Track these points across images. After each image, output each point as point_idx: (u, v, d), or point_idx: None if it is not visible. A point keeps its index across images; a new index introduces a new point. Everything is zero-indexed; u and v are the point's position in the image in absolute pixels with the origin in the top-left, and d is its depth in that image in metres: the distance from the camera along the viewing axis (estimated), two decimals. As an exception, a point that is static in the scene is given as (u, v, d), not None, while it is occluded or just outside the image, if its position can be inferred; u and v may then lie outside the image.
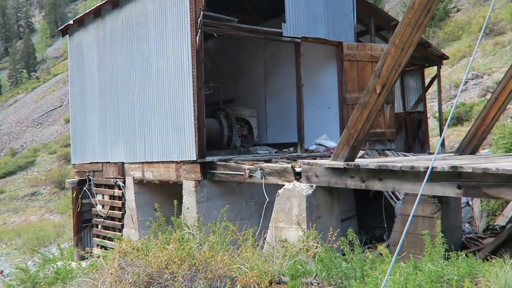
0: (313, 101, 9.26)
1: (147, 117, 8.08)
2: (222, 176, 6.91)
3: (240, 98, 10.97)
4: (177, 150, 7.39)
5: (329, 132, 9.01)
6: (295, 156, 7.77)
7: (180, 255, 4.27)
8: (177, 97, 7.36)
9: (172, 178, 7.57)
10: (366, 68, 8.84)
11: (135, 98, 8.38)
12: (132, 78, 8.46)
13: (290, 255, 4.39)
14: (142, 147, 8.21)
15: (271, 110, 10.33)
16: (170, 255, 4.27)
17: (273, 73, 10.27)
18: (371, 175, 5.02)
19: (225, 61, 11.33)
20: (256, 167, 6.32)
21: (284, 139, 9.72)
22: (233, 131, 8.99)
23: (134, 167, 8.50)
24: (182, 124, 7.25)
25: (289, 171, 5.89)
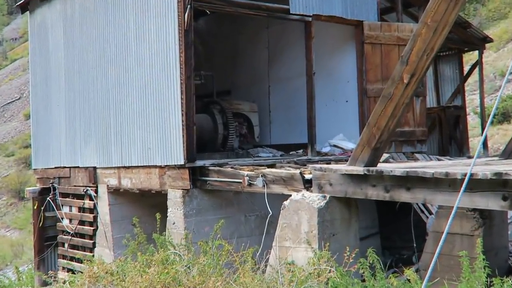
0: (326, 93, 9.29)
1: (125, 113, 8.10)
2: (215, 185, 6.92)
3: (238, 89, 10.99)
4: (161, 152, 7.41)
5: (347, 130, 9.02)
6: (304, 160, 7.78)
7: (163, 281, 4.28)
8: (161, 88, 7.37)
9: (155, 187, 7.59)
10: (392, 53, 8.84)
11: (111, 89, 8.40)
12: (107, 65, 8.48)
13: (298, 281, 4.39)
14: (118, 148, 8.23)
15: (275, 104, 10.35)
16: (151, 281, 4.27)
17: (278, 59, 10.28)
18: (397, 184, 5.02)
19: (220, 44, 11.34)
20: (257, 174, 6.32)
21: (292, 139, 9.73)
22: (230, 129, 9.00)
23: (108, 173, 8.51)
24: (167, 120, 7.27)
25: (297, 178, 5.89)
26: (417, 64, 4.77)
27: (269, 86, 10.44)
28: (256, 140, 9.91)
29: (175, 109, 7.12)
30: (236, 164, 7.09)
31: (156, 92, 7.49)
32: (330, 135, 9.04)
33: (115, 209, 8.55)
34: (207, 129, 8.85)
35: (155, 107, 7.50)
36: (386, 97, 4.98)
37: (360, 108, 8.83)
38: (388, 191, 5.09)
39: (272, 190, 6.16)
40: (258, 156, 8.77)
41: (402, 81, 4.85)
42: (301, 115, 8.89)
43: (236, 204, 7.45)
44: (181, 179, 7.13)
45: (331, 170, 5.54)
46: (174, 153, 7.16)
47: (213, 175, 6.95)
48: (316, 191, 5.68)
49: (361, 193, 5.32)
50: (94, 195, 8.73)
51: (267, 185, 6.16)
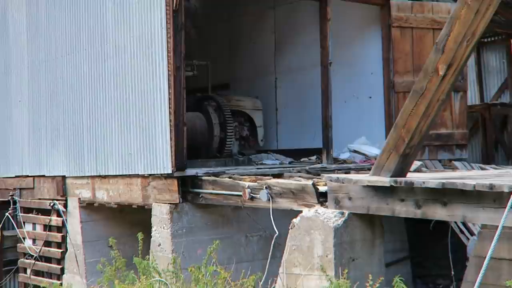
0: (346, 87, 9.29)
1: (101, 110, 8.12)
2: (210, 198, 6.92)
3: (239, 82, 11.00)
4: (144, 158, 7.42)
5: (370, 133, 9.04)
6: (318, 168, 7.79)
7: (146, 315, 4.28)
8: (145, 81, 7.39)
9: (137, 200, 7.59)
10: (425, 39, 8.85)
11: (83, 82, 8.42)
12: (79, 53, 8.50)
13: (310, 315, 4.38)
14: (92, 154, 8.25)
15: (284, 101, 10.36)
16: (131, 315, 4.28)
17: (287, 46, 10.30)
18: (431, 198, 5.01)
19: (216, 28, 11.37)
20: (260, 185, 6.32)
21: (303, 143, 9.74)
22: (228, 130, 9.00)
23: (80, 183, 8.53)
24: (152, 120, 7.28)
25: (310, 190, 5.89)
26: (455, 53, 4.77)
27: (276, 78, 10.46)
28: (259, 144, 9.92)
29: (162, 107, 7.13)
30: (236, 173, 7.09)
31: (139, 86, 7.50)
32: (349, 139, 9.05)
33: (88, 227, 8.53)
34: (200, 131, 8.86)
35: (137, 104, 7.52)
36: (417, 93, 4.98)
37: (386, 105, 8.84)
38: (420, 207, 5.07)
39: (279, 205, 6.15)
40: (262, 164, 8.76)
41: (437, 73, 4.85)
42: (315, 114, 8.89)
43: (235, 222, 7.45)
44: (168, 191, 7.13)
45: (351, 181, 5.53)
46: (160, 160, 7.16)
47: (207, 186, 6.95)
48: (333, 206, 5.68)
49: (387, 209, 5.31)
50: (62, 210, 8.72)
51: (273, 199, 6.16)
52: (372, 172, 5.39)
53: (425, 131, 5.06)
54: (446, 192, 4.89)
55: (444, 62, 4.81)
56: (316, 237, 5.54)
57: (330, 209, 5.65)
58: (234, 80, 11.07)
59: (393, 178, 5.16)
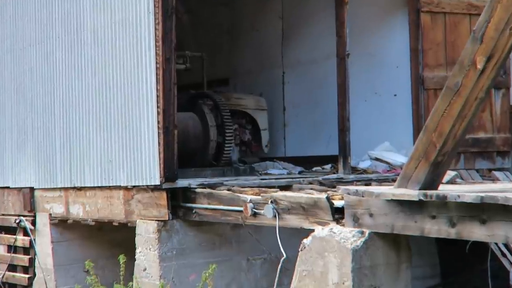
0: (366, 83, 9.30)
1: (76, 110, 8.14)
2: (205, 214, 6.92)
3: (240, 77, 11.04)
4: (127, 167, 7.43)
5: (395, 137, 9.04)
6: (333, 179, 7.79)
7: None
8: (128, 75, 7.41)
9: (118, 217, 7.60)
10: (460, 26, 8.85)
11: (56, 76, 8.45)
12: (51, 45, 8.53)
13: None
14: (66, 161, 8.27)
15: (293, 99, 10.38)
16: None
17: (296, 35, 10.32)
18: (467, 215, 4.99)
19: (213, 13, 11.39)
20: (265, 199, 6.32)
21: (315, 149, 9.76)
22: (226, 134, 9.01)
23: (51, 196, 8.54)
24: (137, 122, 7.30)
25: (323, 205, 5.89)
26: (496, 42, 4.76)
27: (283, 73, 10.49)
28: (264, 151, 9.94)
29: (148, 106, 7.14)
30: (235, 184, 7.09)
31: (121, 82, 7.52)
32: (370, 144, 9.05)
33: (61, 248, 8.53)
34: (193, 134, 8.87)
35: (120, 102, 7.53)
36: (451, 90, 4.98)
37: (414, 105, 8.83)
38: (454, 225, 5.05)
39: (287, 222, 6.14)
40: (267, 174, 8.77)
41: (475, 67, 4.84)
42: (330, 115, 8.91)
43: (235, 242, 7.45)
44: (155, 206, 7.13)
45: (372, 195, 5.52)
46: (146, 169, 7.16)
47: (202, 200, 6.95)
48: (351, 224, 5.66)
49: (415, 228, 5.29)
50: (30, 228, 8.73)
51: (280, 215, 6.14)
52: (398, 183, 5.37)
53: (461, 135, 5.06)
54: (485, 208, 4.86)
55: (483, 53, 4.81)
56: (331, 261, 5.52)
57: (347, 228, 5.63)
58: (234, 74, 11.10)
59: (422, 191, 5.14)
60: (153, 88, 7.07)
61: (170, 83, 7.03)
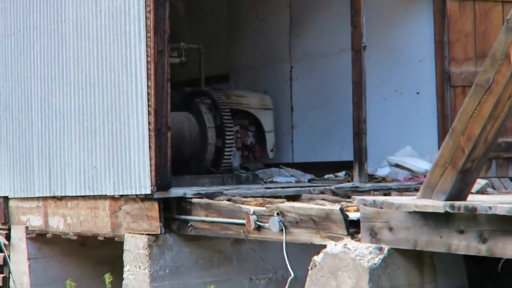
0: (385, 79, 9.32)
1: (57, 110, 8.16)
2: (203, 228, 6.92)
3: (242, 72, 11.05)
4: (113, 174, 7.44)
5: (417, 141, 9.04)
6: (348, 188, 7.79)
7: None
8: (116, 70, 7.42)
9: (104, 230, 7.61)
10: (492, 15, 8.84)
11: (34, 73, 8.47)
12: (28, 36, 8.55)
13: None
14: (44, 167, 8.28)
15: (302, 97, 10.39)
16: None
17: (306, 24, 10.34)
18: (499, 229, 4.98)
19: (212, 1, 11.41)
20: (270, 210, 6.32)
21: (327, 154, 9.77)
22: (227, 137, 9.00)
23: (28, 207, 8.55)
24: (125, 123, 7.31)
25: (337, 218, 5.88)
26: (533, 33, 4.77)
27: (291, 67, 10.49)
28: (269, 156, 9.92)
29: (138, 105, 7.15)
30: (237, 194, 7.09)
31: (107, 77, 7.52)
32: (390, 149, 9.06)
33: (39, 266, 8.54)
34: (189, 137, 8.85)
35: (106, 101, 7.54)
36: (482, 87, 4.98)
37: (439, 104, 8.84)
38: (485, 241, 5.05)
39: (295, 237, 6.14)
40: (273, 182, 8.76)
41: (509, 61, 4.84)
42: (344, 116, 8.92)
43: (236, 259, 7.45)
44: (146, 219, 7.14)
45: (392, 206, 5.52)
46: (136, 176, 7.17)
47: (198, 212, 6.95)
48: (367, 239, 5.66)
49: (441, 244, 5.29)
50: (4, 243, 8.73)
51: (287, 229, 6.14)
52: (421, 193, 5.37)
53: (492, 138, 5.05)
54: (520, 221, 4.88)
55: (517, 46, 4.82)
56: (345, 281, 5.52)
57: (363, 243, 5.63)
58: (236, 69, 11.11)
59: (449, 202, 5.14)
60: (144, 85, 7.07)
61: (163, 79, 7.03)
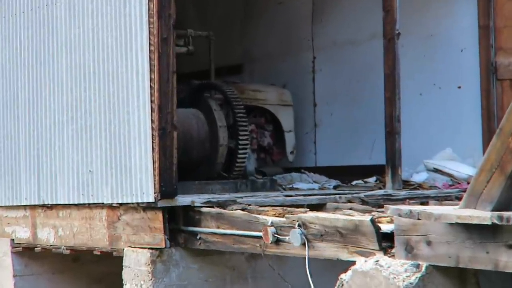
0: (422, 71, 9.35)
1: (46, 107, 8.18)
2: (213, 241, 6.92)
3: (257, 63, 11.12)
4: (111, 179, 7.43)
5: (459, 142, 9.07)
6: (380, 196, 7.77)
7: None
8: (114, 61, 7.42)
9: (100, 243, 7.61)
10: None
11: (21, 64, 8.51)
12: (14, 21, 8.60)
13: None
14: (33, 173, 8.30)
15: (326, 92, 10.43)
16: None
17: (331, 8, 10.39)
18: (556, 244, 4.96)
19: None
20: (291, 221, 6.29)
21: (355, 157, 9.84)
22: (241, 137, 9.00)
23: (14, 216, 8.60)
24: (125, 121, 7.31)
25: (367, 230, 5.86)
26: None
27: (314, 58, 10.55)
28: (288, 159, 9.98)
29: (139, 100, 7.14)
30: (252, 202, 7.08)
31: (104, 70, 7.53)
32: (427, 151, 9.08)
33: (26, 284, 8.57)
34: (198, 138, 8.87)
35: (102, 95, 7.54)
36: (534, 80, 4.95)
37: (484, 100, 8.85)
38: (538, 258, 5.03)
39: (320, 252, 6.12)
40: (293, 189, 8.79)
41: None
42: (374, 113, 8.95)
43: (251, 277, 7.49)
44: (149, 230, 7.14)
45: (431, 217, 5.49)
46: (137, 181, 7.16)
47: (209, 223, 6.94)
48: (402, 255, 5.64)
49: (487, 261, 5.26)
50: (-13, 259, 8.77)
51: (310, 242, 6.13)
52: (464, 202, 5.33)
53: (547, 139, 5.03)
54: None
55: None
56: (377, 303, 5.53)
57: (398, 260, 5.61)
58: (250, 60, 11.17)
59: (496, 212, 5.10)
60: (146, 77, 7.06)
61: (167, 71, 7.02)
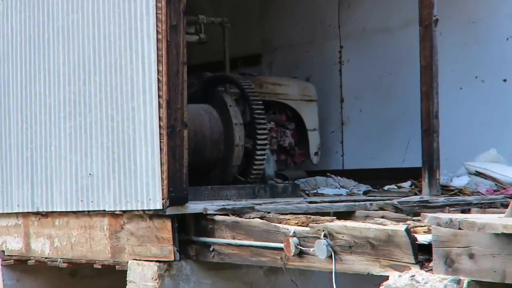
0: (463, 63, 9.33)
1: (41, 106, 8.19)
2: (228, 253, 6.92)
3: (278, 53, 11.15)
4: (114, 184, 7.44)
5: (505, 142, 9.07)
6: (415, 203, 7.75)
7: None
8: (117, 50, 7.43)
9: (101, 256, 7.62)
10: None
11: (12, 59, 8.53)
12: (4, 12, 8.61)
13: None
14: (26, 177, 8.32)
15: (354, 85, 10.47)
16: None
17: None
18: None
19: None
20: (315, 231, 6.27)
21: (387, 159, 9.86)
22: (259, 137, 9.02)
23: (4, 225, 8.61)
24: (129, 118, 7.31)
25: (402, 241, 5.83)
26: None
27: (340, 47, 10.58)
28: (312, 161, 10.01)
29: (145, 95, 7.15)
30: (272, 210, 7.07)
31: (105, 61, 7.54)
32: (469, 152, 9.08)
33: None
34: (211, 137, 8.89)
35: (104, 90, 7.55)
36: None
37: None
38: None
39: (348, 266, 6.10)
40: (318, 195, 8.77)
41: None
42: (409, 109, 8.98)
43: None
44: (156, 241, 7.13)
45: (473, 226, 5.45)
46: (142, 186, 7.17)
47: (223, 233, 6.93)
48: (442, 269, 5.61)
49: (539, 276, 5.21)
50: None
51: (337, 255, 6.10)
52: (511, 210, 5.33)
53: None
54: None
55: None
56: (413, 324, 5.48)
57: (436, 274, 5.59)
58: (270, 49, 11.20)
59: (549, 221, 5.08)
60: (153, 69, 7.06)
61: (177, 62, 7.01)
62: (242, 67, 10.39)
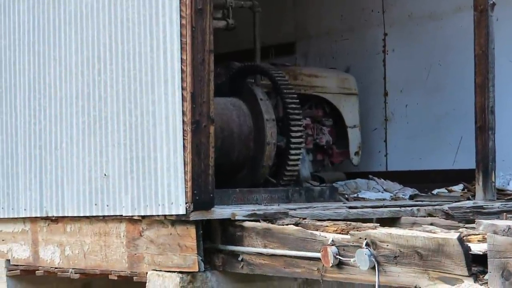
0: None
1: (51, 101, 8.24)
2: (259, 263, 6.95)
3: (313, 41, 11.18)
4: (132, 187, 7.48)
5: None
6: (468, 208, 7.73)
7: None
8: (136, 38, 7.47)
9: (118, 266, 7.66)
10: None
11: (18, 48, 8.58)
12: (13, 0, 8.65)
13: None
14: (34, 178, 8.36)
15: (399, 77, 10.51)
16: None
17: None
18: None
19: None
20: (356, 239, 6.28)
21: (436, 160, 9.90)
22: (293, 134, 9.03)
23: (10, 231, 8.67)
24: (148, 115, 7.35)
25: (453, 251, 5.81)
26: None
27: (385, 35, 10.64)
28: (353, 162, 10.05)
29: (167, 87, 7.18)
30: (308, 216, 7.09)
31: (123, 50, 7.58)
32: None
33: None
34: (239, 134, 8.89)
35: (121, 81, 7.59)
36: None
37: None
38: None
39: (393, 278, 6.12)
40: (358, 199, 8.81)
41: None
42: (461, 104, 9.00)
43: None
44: (179, 250, 7.16)
45: (535, 234, 5.41)
46: (163, 189, 7.20)
47: (253, 241, 6.96)
48: (498, 282, 5.58)
49: None
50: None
51: (381, 266, 6.12)
52: None
53: None
54: None
55: None
56: None
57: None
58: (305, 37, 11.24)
59: None
60: (176, 58, 7.09)
61: (203, 51, 7.04)
62: (274, 56, 10.39)
